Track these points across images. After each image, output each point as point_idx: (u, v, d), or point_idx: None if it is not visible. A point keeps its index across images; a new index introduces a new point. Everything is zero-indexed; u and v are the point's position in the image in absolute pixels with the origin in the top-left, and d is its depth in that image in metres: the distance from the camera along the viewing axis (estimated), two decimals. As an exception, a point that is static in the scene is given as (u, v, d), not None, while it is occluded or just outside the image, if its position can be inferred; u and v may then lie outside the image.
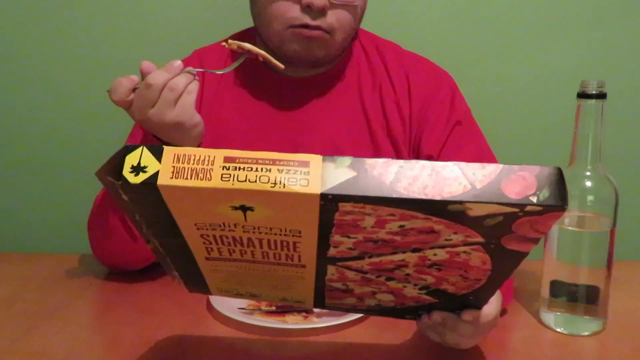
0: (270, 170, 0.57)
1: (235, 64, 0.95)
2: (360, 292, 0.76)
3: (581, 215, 0.91)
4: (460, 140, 1.07)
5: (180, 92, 0.87)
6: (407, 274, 0.70)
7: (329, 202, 0.57)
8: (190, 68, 0.89)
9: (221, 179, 0.56)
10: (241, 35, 1.13)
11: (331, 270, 0.70)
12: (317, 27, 0.99)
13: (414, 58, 1.13)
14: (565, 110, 0.99)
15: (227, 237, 0.65)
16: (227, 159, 0.57)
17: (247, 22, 1.10)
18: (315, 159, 0.57)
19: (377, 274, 0.71)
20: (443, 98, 1.09)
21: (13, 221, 1.43)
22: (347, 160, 0.57)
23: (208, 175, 0.57)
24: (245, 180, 0.56)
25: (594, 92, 0.89)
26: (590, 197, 0.91)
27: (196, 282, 0.79)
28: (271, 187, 0.56)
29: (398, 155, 1.07)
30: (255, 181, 0.56)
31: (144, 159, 0.58)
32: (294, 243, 0.64)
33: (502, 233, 0.60)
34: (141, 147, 0.58)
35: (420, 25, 1.35)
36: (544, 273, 0.95)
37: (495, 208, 0.56)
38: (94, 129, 1.38)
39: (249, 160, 0.57)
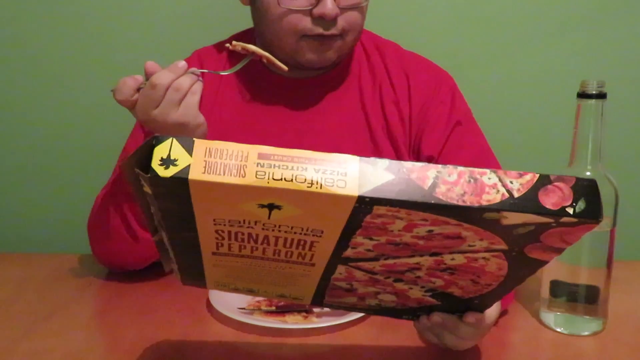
0: (306, 170, 0.55)
1: (240, 65, 0.95)
2: (363, 291, 0.75)
3: (581, 215, 0.91)
4: (461, 141, 1.07)
5: (184, 92, 0.88)
6: (418, 277, 0.69)
7: (365, 205, 0.55)
8: (194, 69, 0.90)
9: (256, 177, 0.54)
10: (241, 36, 1.13)
11: (340, 269, 0.69)
12: (331, 36, 0.99)
13: (414, 58, 1.13)
14: (565, 110, 0.99)
15: (242, 234, 0.63)
16: (261, 156, 0.55)
17: (247, 23, 1.10)
18: (352, 160, 0.56)
19: (386, 275, 0.70)
20: (443, 98, 1.09)
21: (13, 221, 1.43)
22: (384, 162, 0.56)
23: (242, 172, 0.54)
24: (281, 179, 0.54)
25: (594, 92, 0.89)
26: (590, 197, 0.91)
27: (193, 276, 0.77)
28: (307, 187, 0.54)
29: (398, 156, 1.07)
30: (292, 180, 0.54)
31: (173, 151, 0.55)
32: (312, 242, 0.63)
33: (529, 242, 0.60)
34: (170, 139, 0.55)
35: (420, 25, 1.35)
36: (544, 273, 0.95)
37: (530, 218, 0.56)
38: (95, 128, 1.38)
39: (285, 158, 0.55)
